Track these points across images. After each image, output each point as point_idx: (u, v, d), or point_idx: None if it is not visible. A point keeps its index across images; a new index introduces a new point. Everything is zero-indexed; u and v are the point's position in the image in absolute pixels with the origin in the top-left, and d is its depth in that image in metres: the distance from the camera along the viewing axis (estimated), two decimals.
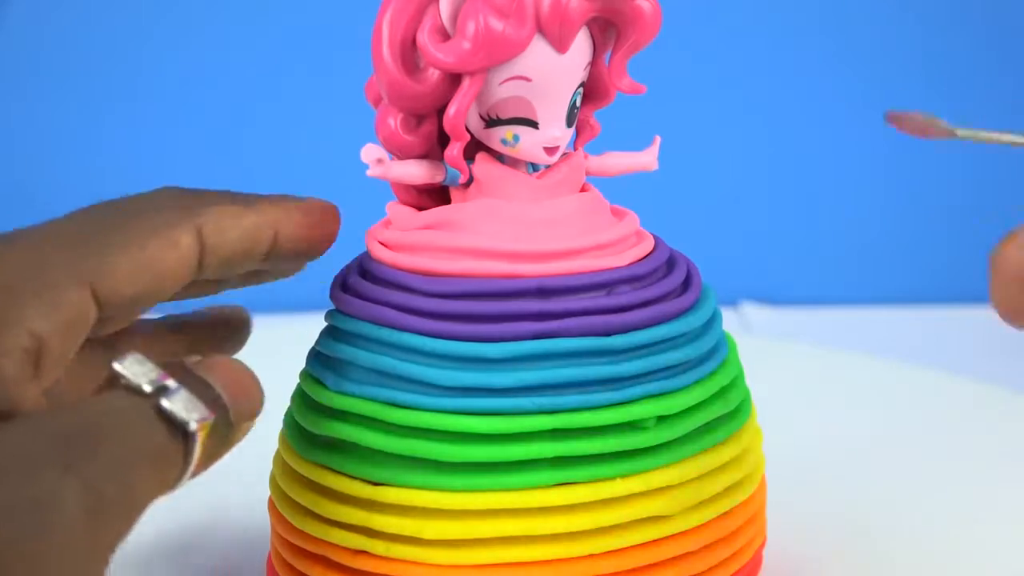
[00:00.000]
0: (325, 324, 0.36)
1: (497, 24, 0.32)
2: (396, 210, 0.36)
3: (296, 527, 0.35)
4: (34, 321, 0.27)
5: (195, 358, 0.29)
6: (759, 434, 0.38)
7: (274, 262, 0.34)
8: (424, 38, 0.33)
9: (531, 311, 0.33)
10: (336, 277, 0.37)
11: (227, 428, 0.28)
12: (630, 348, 0.33)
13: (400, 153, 0.35)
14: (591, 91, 0.36)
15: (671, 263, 0.36)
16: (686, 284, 0.36)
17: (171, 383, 0.26)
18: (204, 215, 0.31)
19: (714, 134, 0.80)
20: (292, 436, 0.36)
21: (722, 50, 0.75)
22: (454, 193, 0.36)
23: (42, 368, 0.28)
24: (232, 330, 0.37)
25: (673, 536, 0.34)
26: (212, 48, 0.84)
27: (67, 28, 0.82)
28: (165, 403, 0.26)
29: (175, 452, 0.26)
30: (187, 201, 0.32)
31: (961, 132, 0.33)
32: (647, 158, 0.38)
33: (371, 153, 0.34)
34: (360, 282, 0.35)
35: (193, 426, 0.26)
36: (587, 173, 0.37)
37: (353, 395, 0.34)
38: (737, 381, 0.37)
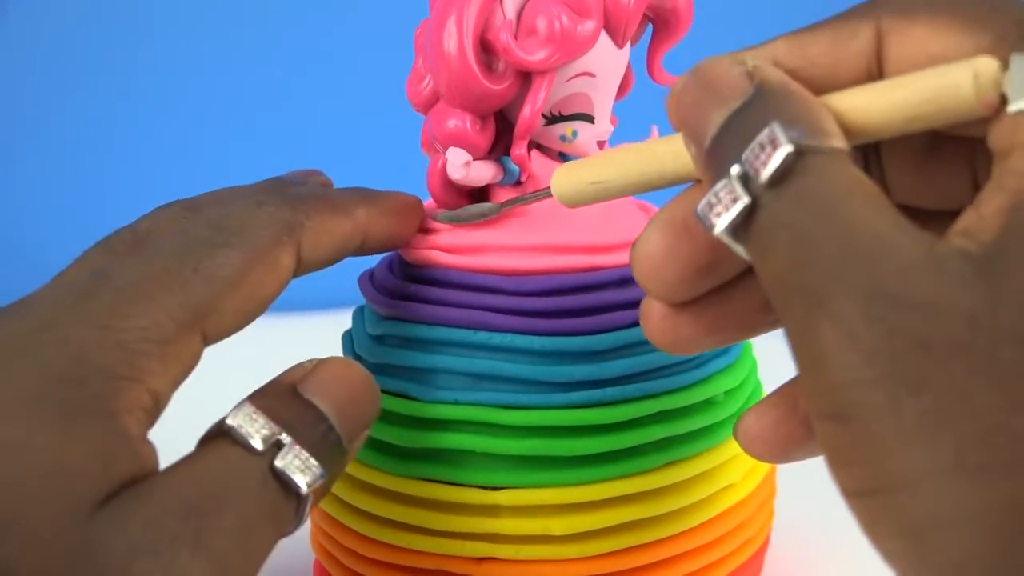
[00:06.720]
0: (374, 334, 0.35)
1: (573, 21, 0.33)
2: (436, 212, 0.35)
3: (398, 546, 0.34)
4: (152, 380, 0.25)
5: (309, 363, 0.28)
6: None
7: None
8: (507, 38, 0.33)
9: (617, 300, 0.34)
10: (377, 283, 0.36)
11: (340, 454, 0.27)
12: None
13: (473, 154, 0.34)
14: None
15: None
16: None
17: (284, 438, 0.26)
18: (303, 230, 0.30)
19: None
20: (373, 455, 0.34)
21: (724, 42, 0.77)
22: (497, 192, 0.36)
23: (153, 418, 0.26)
24: None
25: (747, 498, 0.36)
26: (221, 48, 0.84)
27: (66, 28, 0.83)
28: (279, 463, 0.25)
29: (289, 509, 0.26)
30: (287, 213, 0.30)
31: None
32: None
33: (461, 156, 0.34)
34: (425, 289, 0.34)
35: (305, 490, 0.26)
36: None
37: (455, 403, 0.33)
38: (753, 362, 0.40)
